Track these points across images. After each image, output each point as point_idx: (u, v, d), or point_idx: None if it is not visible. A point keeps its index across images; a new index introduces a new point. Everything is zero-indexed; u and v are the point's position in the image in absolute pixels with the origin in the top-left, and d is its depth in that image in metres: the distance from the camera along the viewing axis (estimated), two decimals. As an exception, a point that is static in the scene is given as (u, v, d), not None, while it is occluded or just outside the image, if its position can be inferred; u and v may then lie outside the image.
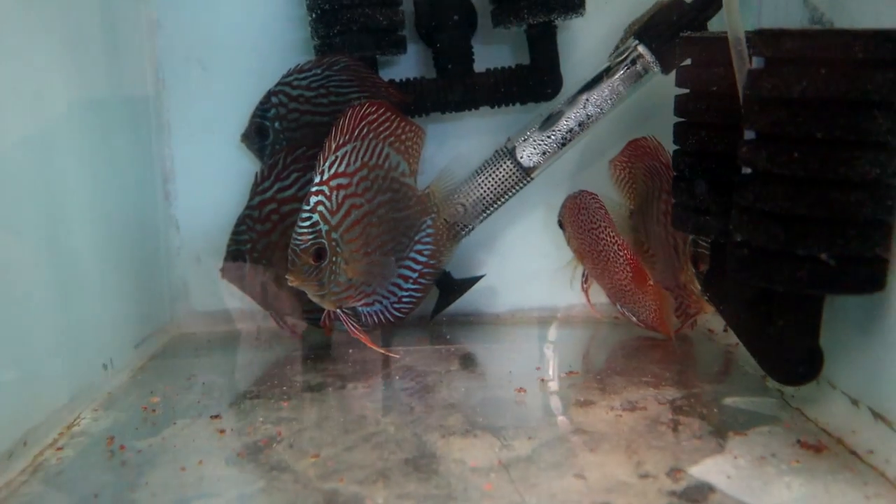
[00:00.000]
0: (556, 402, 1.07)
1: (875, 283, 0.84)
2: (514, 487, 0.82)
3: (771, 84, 0.80)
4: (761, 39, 0.82)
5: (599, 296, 1.37)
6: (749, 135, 0.87)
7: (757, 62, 0.84)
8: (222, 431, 0.98)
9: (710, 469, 0.85)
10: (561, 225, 1.37)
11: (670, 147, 1.09)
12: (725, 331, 1.28)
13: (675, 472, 0.84)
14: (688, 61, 1.03)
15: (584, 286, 1.37)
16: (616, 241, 1.26)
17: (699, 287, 1.18)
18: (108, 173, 1.23)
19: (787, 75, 0.79)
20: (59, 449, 0.95)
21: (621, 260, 1.27)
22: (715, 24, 1.24)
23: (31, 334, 0.97)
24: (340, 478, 0.85)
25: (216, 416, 1.03)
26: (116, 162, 1.27)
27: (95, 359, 1.13)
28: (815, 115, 0.79)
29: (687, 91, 1.03)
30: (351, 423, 1.00)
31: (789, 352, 0.93)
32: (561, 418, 1.01)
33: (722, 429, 0.95)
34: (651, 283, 1.26)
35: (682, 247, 1.22)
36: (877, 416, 0.89)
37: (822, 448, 0.90)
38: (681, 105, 1.03)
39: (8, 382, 0.91)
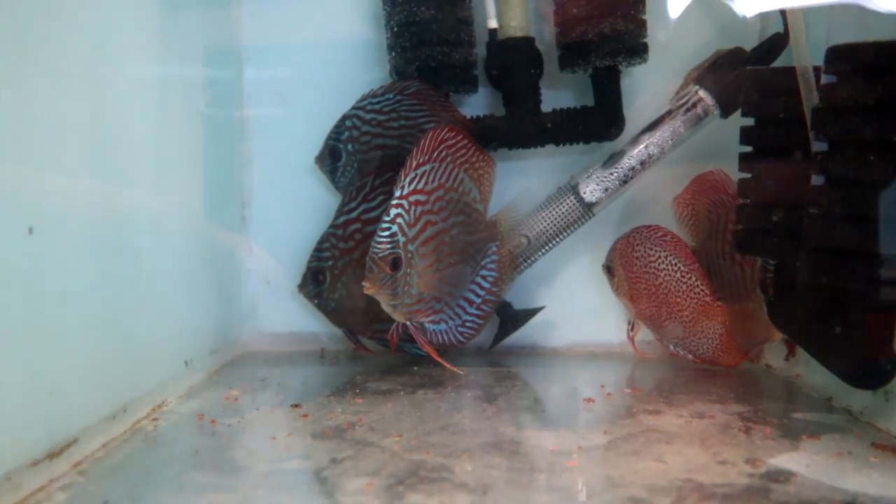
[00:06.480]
0: (625, 410, 1.09)
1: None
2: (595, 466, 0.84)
3: (846, 93, 0.86)
4: (834, 54, 0.89)
5: (646, 335, 1.39)
6: (819, 146, 0.92)
7: (827, 78, 0.91)
8: (305, 416, 1.02)
9: (788, 461, 0.86)
10: (609, 270, 1.39)
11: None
12: (787, 360, 1.30)
13: (753, 461, 0.86)
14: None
15: (631, 334, 1.39)
16: (680, 267, 1.29)
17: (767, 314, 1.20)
18: (196, 200, 1.32)
19: (860, 84, 0.85)
20: (154, 420, 0.99)
21: (688, 284, 1.29)
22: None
23: (126, 326, 1.03)
24: (426, 451, 0.88)
25: (297, 405, 1.07)
26: (205, 189, 1.36)
27: (178, 356, 1.19)
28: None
29: (752, 121, 1.10)
30: (427, 416, 1.03)
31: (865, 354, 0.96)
32: (632, 420, 1.03)
33: (794, 434, 0.97)
34: (720, 304, 1.27)
35: (749, 276, 1.26)
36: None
37: (898, 449, 0.91)
38: (746, 134, 1.10)
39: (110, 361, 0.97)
